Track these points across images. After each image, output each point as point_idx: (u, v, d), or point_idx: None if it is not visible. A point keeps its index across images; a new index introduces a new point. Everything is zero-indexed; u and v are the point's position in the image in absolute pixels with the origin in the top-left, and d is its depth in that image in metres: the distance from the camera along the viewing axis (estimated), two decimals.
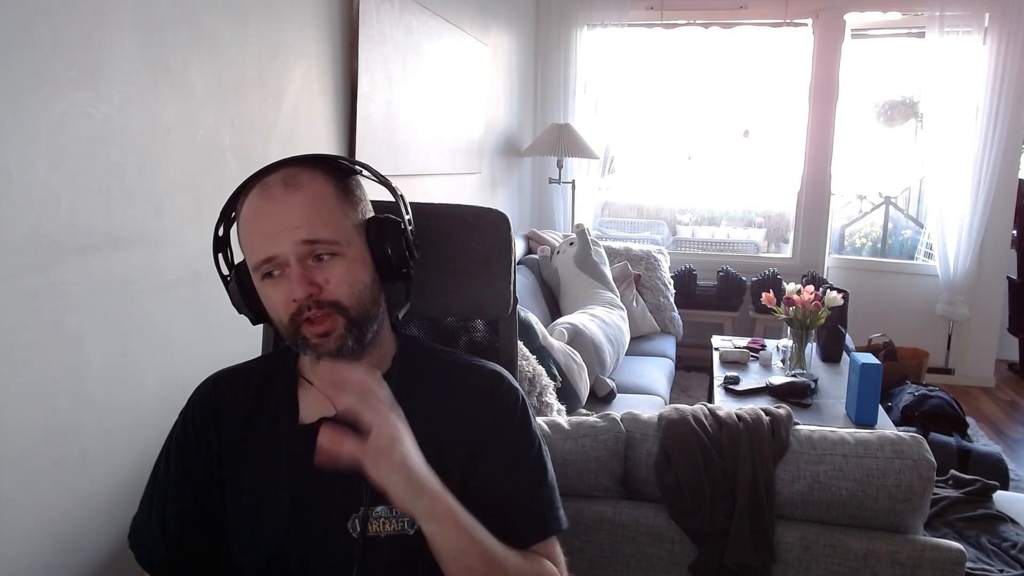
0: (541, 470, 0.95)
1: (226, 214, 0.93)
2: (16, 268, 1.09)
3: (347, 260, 0.87)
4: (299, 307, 0.85)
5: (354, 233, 0.89)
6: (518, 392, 0.98)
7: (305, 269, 0.85)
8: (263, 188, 0.87)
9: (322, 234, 0.85)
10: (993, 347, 4.38)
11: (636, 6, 4.43)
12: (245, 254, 0.90)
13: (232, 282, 0.93)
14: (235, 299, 0.94)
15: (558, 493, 0.96)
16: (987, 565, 1.77)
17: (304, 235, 0.84)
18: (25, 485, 1.13)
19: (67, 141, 1.16)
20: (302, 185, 0.87)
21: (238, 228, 0.90)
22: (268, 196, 0.86)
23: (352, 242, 0.89)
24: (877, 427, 2.45)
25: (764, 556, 1.34)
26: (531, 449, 0.95)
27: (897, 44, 4.88)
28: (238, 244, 0.91)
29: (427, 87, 2.70)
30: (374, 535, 0.88)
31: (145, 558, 0.95)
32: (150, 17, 1.32)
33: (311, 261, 0.85)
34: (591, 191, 4.79)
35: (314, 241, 0.85)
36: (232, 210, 0.92)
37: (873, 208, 5.34)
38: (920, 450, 1.34)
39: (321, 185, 0.88)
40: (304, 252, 0.85)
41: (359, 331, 0.88)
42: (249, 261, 0.89)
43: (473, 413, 0.94)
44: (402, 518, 0.89)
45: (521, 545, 0.89)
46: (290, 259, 0.85)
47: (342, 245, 0.87)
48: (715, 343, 3.41)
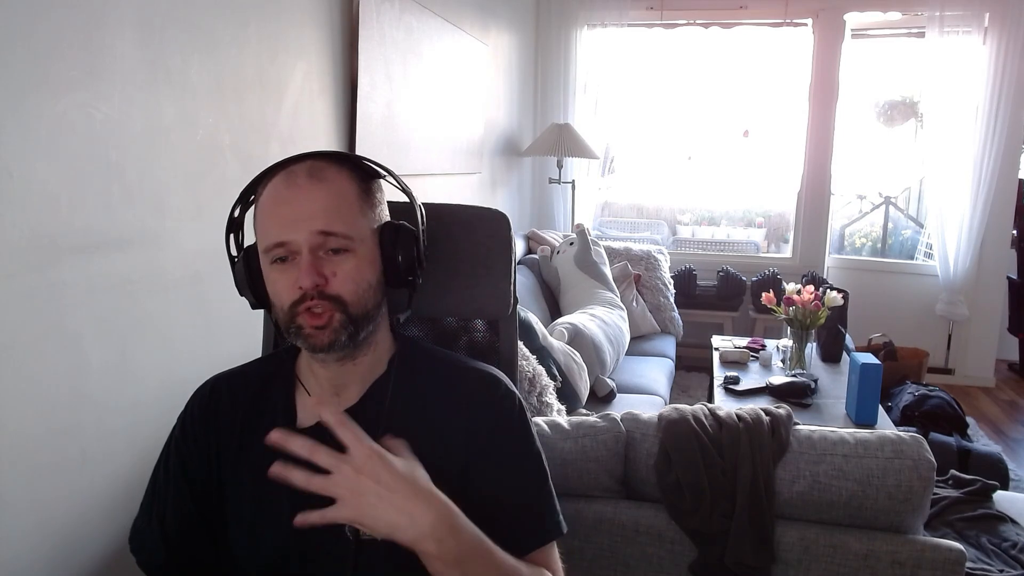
0: (542, 474, 0.95)
1: (245, 196, 0.94)
2: (16, 268, 1.09)
3: (357, 258, 0.88)
4: (303, 295, 0.85)
5: (369, 233, 0.90)
6: (515, 396, 0.98)
7: (316, 259, 0.86)
8: (288, 175, 0.88)
9: (338, 228, 0.86)
10: (993, 347, 4.38)
11: (636, 6, 4.43)
12: (258, 236, 0.90)
13: (239, 263, 0.94)
14: (239, 280, 0.94)
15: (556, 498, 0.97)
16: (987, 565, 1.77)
17: (320, 226, 0.85)
18: (25, 485, 1.13)
19: (67, 141, 1.16)
20: (327, 178, 0.88)
21: (255, 210, 0.91)
22: (292, 183, 0.87)
23: (365, 242, 0.89)
24: (877, 427, 2.45)
25: (764, 556, 1.34)
26: (530, 454, 0.95)
27: (897, 44, 4.88)
28: (252, 227, 0.92)
29: (427, 87, 2.70)
30: (370, 538, 0.88)
31: (146, 562, 0.95)
32: (150, 17, 1.32)
33: (322, 253, 0.86)
34: (591, 191, 4.79)
35: (329, 233, 0.86)
36: (252, 193, 0.93)
37: (873, 208, 5.34)
38: (920, 450, 1.34)
39: (345, 182, 0.89)
40: (317, 243, 0.86)
41: (355, 328, 0.88)
42: (261, 244, 0.89)
43: (469, 417, 0.93)
44: None
45: (522, 551, 0.90)
46: (303, 247, 0.85)
47: (355, 242, 0.88)
48: (715, 343, 3.41)
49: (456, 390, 0.96)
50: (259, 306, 0.94)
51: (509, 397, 0.97)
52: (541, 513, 0.94)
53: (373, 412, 0.93)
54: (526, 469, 0.94)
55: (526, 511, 0.93)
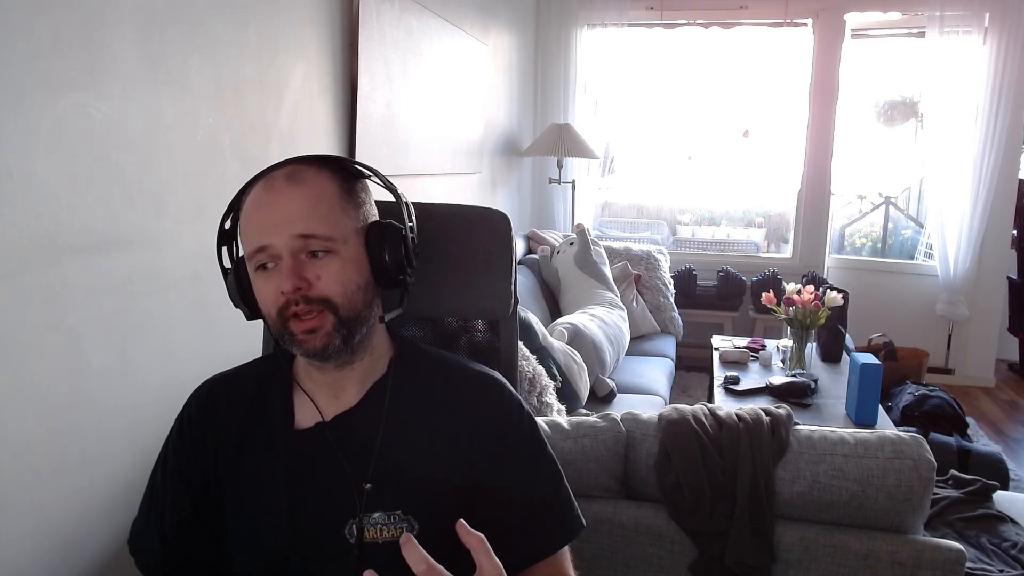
0: (556, 472, 0.97)
1: (232, 207, 0.93)
2: (16, 268, 1.09)
3: (342, 259, 0.87)
4: (287, 300, 0.84)
5: (353, 234, 0.89)
6: (519, 400, 0.99)
7: (297, 263, 0.84)
8: (267, 181, 0.88)
9: (318, 230, 0.85)
10: (993, 347, 4.38)
11: (636, 6, 4.43)
12: (243, 244, 0.89)
13: (231, 276, 0.93)
14: (232, 293, 0.93)
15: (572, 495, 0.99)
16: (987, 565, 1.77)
17: (300, 229, 0.84)
18: (25, 485, 1.13)
19: (67, 141, 1.16)
20: (305, 180, 0.87)
21: (240, 220, 0.90)
22: (270, 188, 0.87)
23: (349, 242, 0.88)
24: (877, 427, 2.45)
25: (764, 556, 1.34)
26: (543, 453, 0.97)
27: (897, 44, 4.88)
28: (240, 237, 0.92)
29: (427, 87, 2.70)
30: (371, 541, 0.88)
31: (145, 564, 0.95)
32: (150, 17, 1.32)
33: (305, 256, 0.85)
34: (591, 191, 4.79)
35: (309, 236, 0.84)
36: (236, 204, 0.93)
37: (873, 208, 5.34)
38: (920, 450, 1.34)
39: (325, 183, 0.88)
40: (298, 246, 0.84)
41: (347, 331, 0.87)
42: (245, 251, 0.89)
43: (472, 420, 0.93)
44: (399, 524, 0.88)
45: (547, 550, 0.93)
46: (283, 252, 0.84)
47: (338, 243, 0.86)
48: (715, 343, 3.41)
49: (458, 392, 0.95)
50: (254, 317, 0.93)
51: (514, 401, 0.97)
52: (562, 513, 0.96)
53: (372, 414, 0.93)
54: (541, 471, 0.96)
55: (548, 512, 0.95)
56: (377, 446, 0.91)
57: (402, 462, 0.90)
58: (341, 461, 0.90)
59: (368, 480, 0.89)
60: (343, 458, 0.90)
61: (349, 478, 0.89)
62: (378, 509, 0.88)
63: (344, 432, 0.92)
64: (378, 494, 0.89)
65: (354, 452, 0.91)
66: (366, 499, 0.89)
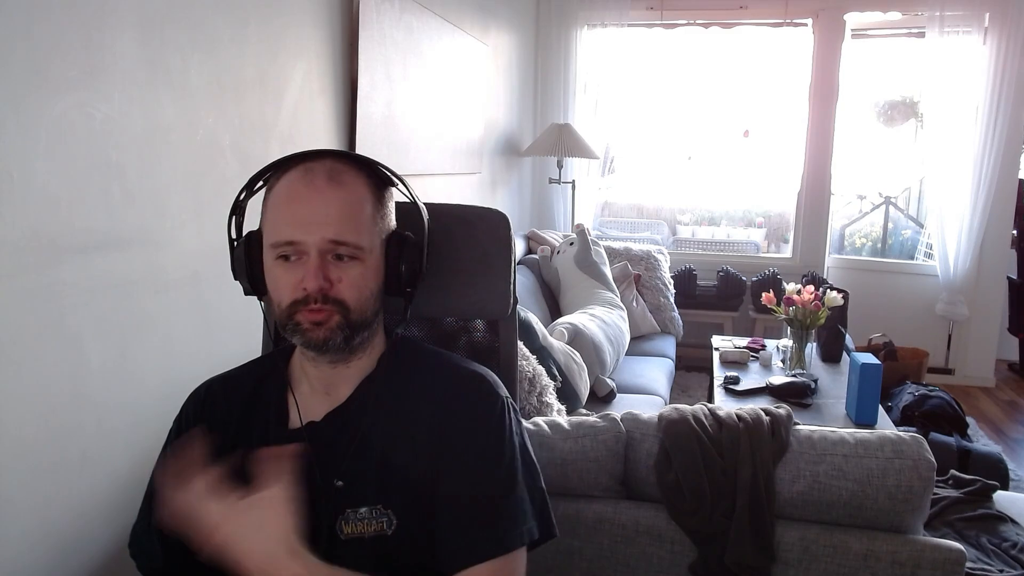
0: (511, 480, 0.91)
1: (253, 183, 0.94)
2: (16, 268, 1.09)
3: (364, 266, 0.89)
4: (306, 296, 0.86)
5: (377, 243, 0.91)
6: (499, 397, 0.95)
7: (324, 263, 0.86)
8: (307, 173, 0.88)
9: (350, 237, 0.86)
10: (993, 347, 4.38)
11: (636, 6, 4.43)
12: (266, 229, 0.90)
13: (239, 248, 0.94)
14: (237, 266, 0.94)
15: (532, 505, 0.92)
16: (987, 565, 1.77)
17: (333, 235, 0.86)
18: (25, 485, 1.13)
19: (67, 141, 1.16)
20: (346, 184, 0.88)
21: (266, 201, 0.91)
22: (310, 183, 0.87)
23: (373, 252, 0.90)
24: (877, 427, 2.45)
25: (764, 556, 1.34)
26: (502, 457, 0.91)
27: (897, 44, 4.88)
28: (260, 214, 0.92)
29: (427, 87, 2.70)
30: (358, 536, 0.89)
31: (146, 566, 0.96)
32: (150, 17, 1.32)
33: (330, 257, 0.87)
34: (591, 191, 4.79)
35: (340, 242, 0.86)
36: (259, 180, 0.93)
37: (873, 208, 5.34)
38: (920, 450, 1.34)
39: (362, 189, 0.89)
40: (328, 248, 0.86)
41: (351, 332, 0.88)
42: (269, 238, 0.89)
43: (446, 417, 0.92)
44: (381, 519, 0.89)
45: (472, 559, 0.86)
46: (312, 250, 0.85)
47: (364, 252, 0.88)
48: (715, 343, 3.41)
49: (441, 387, 0.95)
50: (252, 293, 0.94)
51: (491, 396, 0.95)
52: (510, 519, 0.89)
53: (362, 410, 0.93)
54: (496, 472, 0.90)
55: (492, 515, 0.88)
56: (358, 440, 0.92)
57: (387, 457, 0.91)
58: (312, 461, 0.90)
59: (341, 477, 0.90)
60: (314, 457, 0.91)
61: (327, 476, 0.91)
62: (362, 504, 0.89)
63: (335, 429, 0.93)
64: (362, 490, 0.90)
65: (342, 448, 0.92)
66: (342, 495, 0.90)
